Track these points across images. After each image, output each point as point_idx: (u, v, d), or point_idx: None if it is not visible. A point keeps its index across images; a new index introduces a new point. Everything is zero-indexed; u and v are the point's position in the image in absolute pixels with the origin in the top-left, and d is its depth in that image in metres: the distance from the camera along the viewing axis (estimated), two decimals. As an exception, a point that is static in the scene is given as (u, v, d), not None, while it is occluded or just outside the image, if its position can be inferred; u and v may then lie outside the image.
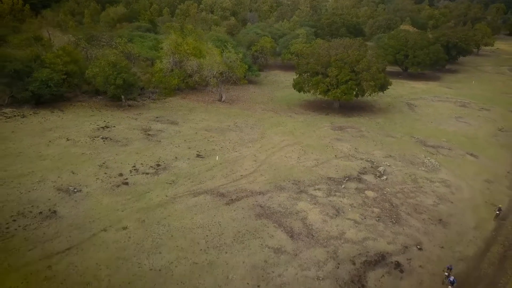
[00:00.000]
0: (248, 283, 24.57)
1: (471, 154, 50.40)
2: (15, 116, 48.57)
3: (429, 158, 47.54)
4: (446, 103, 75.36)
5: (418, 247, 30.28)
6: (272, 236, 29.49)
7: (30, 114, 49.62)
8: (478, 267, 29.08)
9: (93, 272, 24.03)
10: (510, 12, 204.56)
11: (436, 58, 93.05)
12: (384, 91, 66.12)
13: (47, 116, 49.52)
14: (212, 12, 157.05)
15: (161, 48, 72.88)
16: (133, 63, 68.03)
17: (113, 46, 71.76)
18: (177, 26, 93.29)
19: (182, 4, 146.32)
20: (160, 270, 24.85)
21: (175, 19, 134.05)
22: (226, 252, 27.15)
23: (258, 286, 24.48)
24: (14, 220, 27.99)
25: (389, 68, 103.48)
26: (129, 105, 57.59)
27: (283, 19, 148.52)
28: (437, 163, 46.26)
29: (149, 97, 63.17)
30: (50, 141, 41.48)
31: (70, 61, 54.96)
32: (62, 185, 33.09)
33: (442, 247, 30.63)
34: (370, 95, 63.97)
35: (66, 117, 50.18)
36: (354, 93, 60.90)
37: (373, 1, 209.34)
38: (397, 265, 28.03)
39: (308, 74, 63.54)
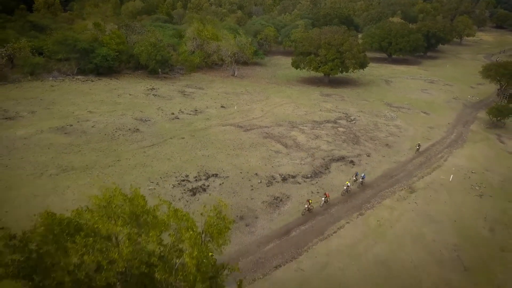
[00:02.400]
0: (259, 163, 42.57)
1: (424, 112, 68.17)
2: (86, 81, 66.78)
3: (390, 113, 65.40)
4: (418, 80, 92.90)
5: (367, 155, 48.19)
6: (273, 146, 47.49)
7: (96, 80, 67.87)
8: (404, 168, 46.84)
9: (170, 155, 42.15)
10: (499, 6, 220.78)
11: (416, 45, 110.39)
12: (364, 69, 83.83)
13: (108, 81, 67.81)
14: (220, 6, 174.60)
15: (182, 36, 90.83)
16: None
17: (143, 33, 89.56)
18: (197, 17, 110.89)
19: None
20: (208, 156, 42.93)
21: (188, 11, 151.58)
22: (245, 151, 45.17)
23: (265, 164, 42.51)
24: (116, 131, 46.18)
25: (377, 55, 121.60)
26: (164, 77, 75.67)
27: (285, 13, 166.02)
28: (395, 115, 64.17)
29: (178, 72, 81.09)
30: (118, 95, 59.78)
31: (120, 42, 72.91)
32: (137, 117, 51.31)
33: (384, 156, 48.49)
34: (353, 71, 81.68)
35: (122, 82, 68.45)
36: (340, 69, 78.61)
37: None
38: (351, 162, 45.93)
39: (303, 54, 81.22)
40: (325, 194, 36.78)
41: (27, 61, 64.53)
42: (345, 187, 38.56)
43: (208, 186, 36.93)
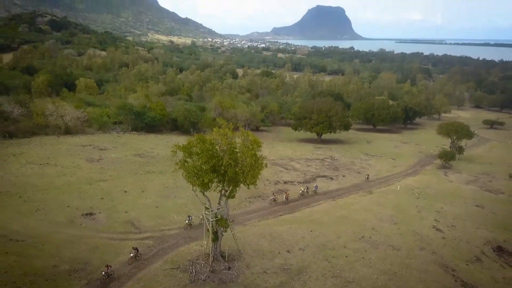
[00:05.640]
0: (269, 175, 66.57)
1: (392, 158, 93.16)
2: (139, 135, 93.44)
3: (365, 157, 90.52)
4: (393, 141, 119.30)
5: (343, 175, 72.36)
6: (278, 168, 72.04)
7: (146, 134, 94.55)
8: (368, 183, 70.44)
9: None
10: (479, 90, 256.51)
11: (395, 116, 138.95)
12: (348, 130, 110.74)
13: (155, 135, 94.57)
14: (231, 88, 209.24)
15: (203, 109, 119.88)
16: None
17: (175, 106, 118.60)
18: (218, 92, 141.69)
19: (209, 83, 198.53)
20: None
21: (205, 93, 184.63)
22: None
23: (273, 176, 66.48)
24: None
25: (364, 126, 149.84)
26: (195, 134, 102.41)
27: (287, 94, 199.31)
28: (368, 159, 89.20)
29: (204, 132, 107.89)
30: (167, 142, 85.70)
31: (162, 109, 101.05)
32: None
33: (354, 177, 72.57)
34: (339, 132, 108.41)
35: (165, 136, 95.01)
36: (329, 129, 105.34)
37: (362, 79, 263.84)
38: (331, 178, 70.08)
39: (300, 119, 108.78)
40: (286, 192, 59.02)
41: (98, 120, 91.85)
42: (300, 191, 60.27)
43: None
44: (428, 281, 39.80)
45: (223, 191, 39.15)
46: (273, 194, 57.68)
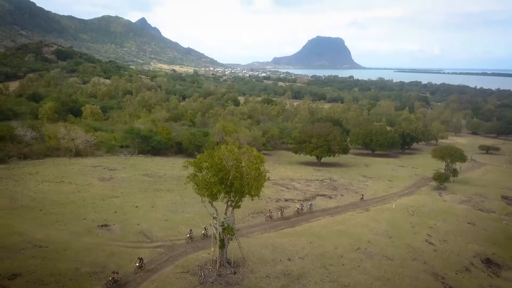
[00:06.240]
0: (271, 193, 70.51)
1: (389, 180, 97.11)
2: (146, 157, 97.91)
3: (363, 179, 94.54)
4: (391, 165, 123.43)
5: (341, 195, 76.25)
6: (279, 188, 75.99)
7: (153, 157, 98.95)
8: (365, 202, 74.28)
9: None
10: (475, 117, 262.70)
11: (392, 141, 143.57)
12: (347, 154, 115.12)
13: (161, 158, 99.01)
14: (233, 115, 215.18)
15: (206, 134, 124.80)
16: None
17: (180, 131, 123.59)
18: (221, 118, 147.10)
19: (212, 109, 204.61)
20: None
21: (208, 119, 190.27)
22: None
23: (274, 194, 70.44)
24: (178, 177, 75.11)
25: (363, 151, 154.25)
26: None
27: (287, 121, 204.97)
28: (366, 180, 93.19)
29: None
30: (173, 163, 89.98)
31: (168, 133, 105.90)
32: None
33: (352, 196, 76.40)
34: (338, 155, 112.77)
35: (170, 159, 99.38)
36: (328, 153, 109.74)
37: (361, 107, 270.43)
38: (330, 197, 73.98)
39: (300, 143, 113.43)
40: (281, 209, 63.02)
41: (107, 144, 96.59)
42: (296, 209, 64.22)
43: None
44: (419, 287, 43.25)
45: (229, 202, 43.24)
46: (270, 211, 61.30)
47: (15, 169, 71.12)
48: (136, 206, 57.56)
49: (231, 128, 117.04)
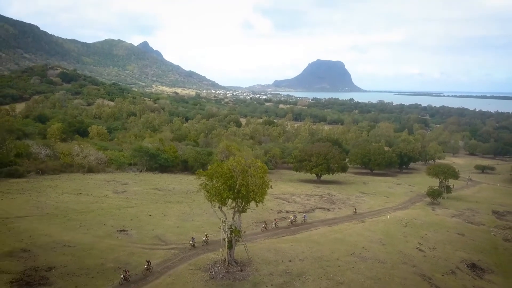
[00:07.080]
0: (272, 206, 76.05)
1: (385, 196, 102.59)
2: (154, 174, 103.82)
3: (360, 195, 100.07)
4: (388, 183, 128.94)
5: (339, 208, 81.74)
6: (281, 201, 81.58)
7: (160, 174, 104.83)
8: (361, 215, 79.71)
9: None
10: (473, 138, 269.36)
11: (390, 161, 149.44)
12: (345, 172, 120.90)
13: (168, 175, 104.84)
14: (235, 136, 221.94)
15: (210, 154, 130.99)
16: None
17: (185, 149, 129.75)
18: (224, 138, 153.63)
19: (214, 130, 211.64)
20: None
21: (211, 140, 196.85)
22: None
23: (276, 207, 76.00)
24: (186, 191, 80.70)
25: (362, 170, 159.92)
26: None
27: (288, 141, 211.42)
28: (363, 195, 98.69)
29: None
30: (180, 180, 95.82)
31: (174, 151, 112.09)
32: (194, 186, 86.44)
33: (349, 210, 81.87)
34: (337, 173, 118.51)
35: (177, 175, 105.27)
36: (327, 171, 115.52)
37: (360, 128, 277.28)
38: (328, 209, 79.48)
39: (301, 161, 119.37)
40: (275, 219, 67.84)
41: (117, 161, 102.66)
42: (289, 220, 69.64)
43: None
44: (407, 285, 48.50)
45: (236, 207, 49.06)
46: (265, 222, 66.32)
47: (35, 183, 77.10)
48: (150, 215, 63.23)
49: (235, 147, 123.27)
